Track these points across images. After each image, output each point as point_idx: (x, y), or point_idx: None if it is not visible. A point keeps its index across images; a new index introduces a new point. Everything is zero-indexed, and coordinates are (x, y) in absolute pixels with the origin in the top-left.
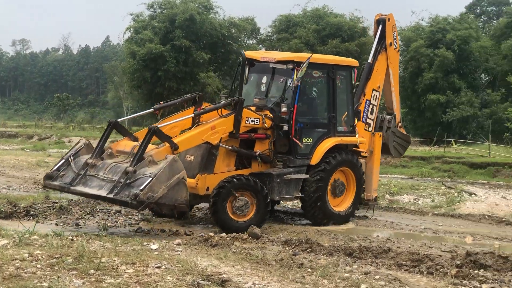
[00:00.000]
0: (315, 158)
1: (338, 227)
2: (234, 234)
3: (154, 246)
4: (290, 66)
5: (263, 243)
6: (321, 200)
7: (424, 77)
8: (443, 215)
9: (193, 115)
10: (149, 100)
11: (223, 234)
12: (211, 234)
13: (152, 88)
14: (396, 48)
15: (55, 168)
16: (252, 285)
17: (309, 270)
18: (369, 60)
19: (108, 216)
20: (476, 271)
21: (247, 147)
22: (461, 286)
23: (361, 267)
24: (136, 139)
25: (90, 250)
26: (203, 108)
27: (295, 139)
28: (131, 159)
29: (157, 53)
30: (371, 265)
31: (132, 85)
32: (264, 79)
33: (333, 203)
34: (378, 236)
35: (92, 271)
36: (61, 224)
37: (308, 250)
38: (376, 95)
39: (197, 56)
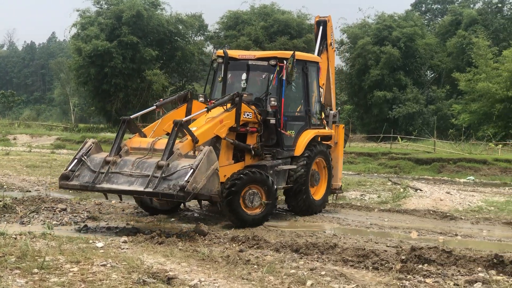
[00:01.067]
0: (299, 150)
1: (283, 223)
2: (181, 231)
3: (99, 244)
4: (273, 62)
5: (209, 240)
6: (306, 190)
7: (370, 74)
8: (389, 211)
9: (206, 109)
10: (96, 97)
11: (170, 232)
12: (158, 231)
13: (98, 85)
14: (333, 48)
15: (69, 169)
16: (198, 282)
17: (256, 266)
18: None
19: (53, 214)
20: (420, 266)
21: (240, 141)
22: (406, 280)
23: (307, 263)
24: (145, 136)
25: (34, 249)
26: (213, 103)
27: (284, 131)
28: (162, 154)
29: (103, 50)
30: (317, 261)
31: (78, 82)
32: (244, 76)
33: (311, 192)
34: (324, 232)
35: (35, 270)
36: (5, 222)
37: (255, 246)
38: (322, 92)
39: (145, 52)
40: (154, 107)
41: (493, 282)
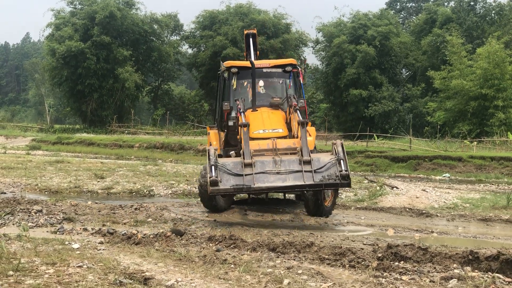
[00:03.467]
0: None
1: (264, 221)
2: (157, 232)
3: (75, 246)
4: (290, 69)
5: (186, 240)
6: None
7: (346, 72)
8: (365, 209)
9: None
10: (71, 98)
11: (147, 232)
12: (134, 231)
13: (73, 85)
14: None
15: (214, 175)
16: (175, 282)
17: (232, 266)
18: None
19: (29, 216)
20: (396, 263)
21: None
22: (382, 278)
23: (284, 262)
24: None
25: (9, 251)
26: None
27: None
28: (294, 152)
29: (77, 51)
30: (294, 259)
31: (53, 83)
32: (261, 83)
33: None
34: (301, 231)
35: (11, 272)
36: None
37: (231, 246)
38: None
39: (117, 53)
40: None
41: (468, 279)
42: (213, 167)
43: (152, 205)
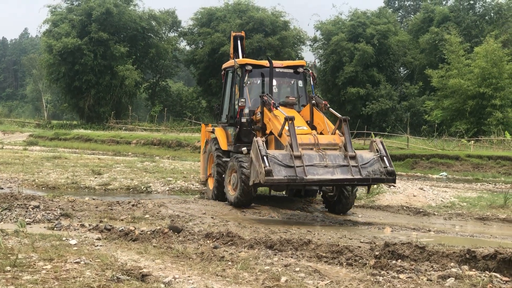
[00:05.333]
0: None
1: (261, 218)
2: (155, 228)
3: (73, 241)
4: (301, 70)
5: (184, 237)
6: None
7: (344, 70)
8: (362, 207)
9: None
10: (68, 94)
11: (144, 228)
12: (131, 228)
13: (70, 81)
14: None
15: (267, 165)
16: (173, 279)
17: (230, 263)
18: None
19: (26, 211)
20: (394, 262)
21: None
22: (379, 276)
23: (282, 259)
24: None
25: (6, 247)
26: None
27: None
28: (343, 147)
29: (73, 47)
30: (291, 257)
31: (50, 79)
32: (274, 82)
33: None
34: (298, 228)
35: (8, 268)
36: None
37: (229, 243)
38: None
39: (115, 49)
40: None
41: (465, 277)
42: (265, 157)
43: (149, 201)
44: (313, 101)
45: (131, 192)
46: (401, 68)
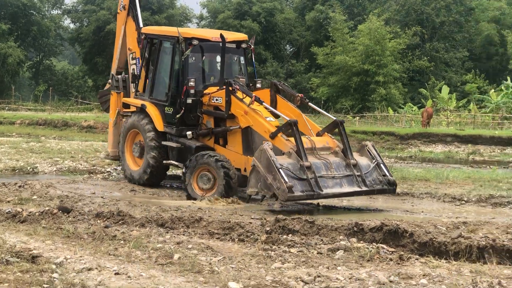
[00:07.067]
0: None
1: (151, 197)
2: (44, 209)
3: None
4: (244, 46)
5: (74, 217)
6: None
7: None
8: None
9: None
10: None
11: (32, 209)
12: (19, 209)
13: None
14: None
15: (288, 181)
16: (64, 260)
17: (122, 242)
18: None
19: None
20: (285, 236)
21: None
22: (271, 251)
23: (174, 237)
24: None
25: None
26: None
27: None
28: (340, 152)
29: None
30: (183, 234)
31: None
32: (218, 59)
33: None
34: (189, 206)
35: None
36: None
37: (120, 222)
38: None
39: None
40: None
41: (354, 249)
42: (281, 170)
43: (36, 182)
44: (279, 87)
45: (17, 173)
46: (288, 46)
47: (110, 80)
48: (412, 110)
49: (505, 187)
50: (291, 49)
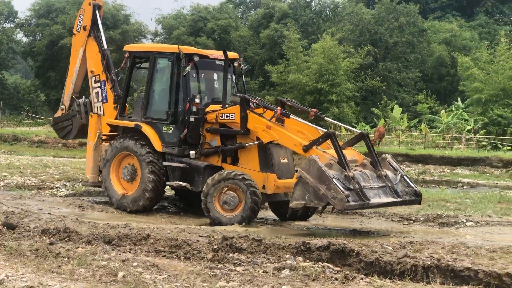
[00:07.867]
0: None
1: (99, 214)
2: None
3: None
4: (236, 64)
5: (19, 234)
6: None
7: None
8: None
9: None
10: None
11: None
12: None
13: None
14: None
15: (345, 190)
16: (5, 277)
17: (66, 259)
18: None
19: None
20: (231, 255)
21: None
22: (217, 269)
23: (120, 254)
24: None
25: None
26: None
27: None
28: (369, 164)
29: None
30: (129, 252)
31: None
32: (215, 76)
33: None
34: (137, 224)
35: None
36: None
37: (66, 239)
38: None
39: None
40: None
41: (300, 269)
42: (335, 180)
43: None
44: (288, 104)
45: None
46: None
47: (62, 106)
48: (364, 129)
49: (452, 207)
50: (245, 67)
